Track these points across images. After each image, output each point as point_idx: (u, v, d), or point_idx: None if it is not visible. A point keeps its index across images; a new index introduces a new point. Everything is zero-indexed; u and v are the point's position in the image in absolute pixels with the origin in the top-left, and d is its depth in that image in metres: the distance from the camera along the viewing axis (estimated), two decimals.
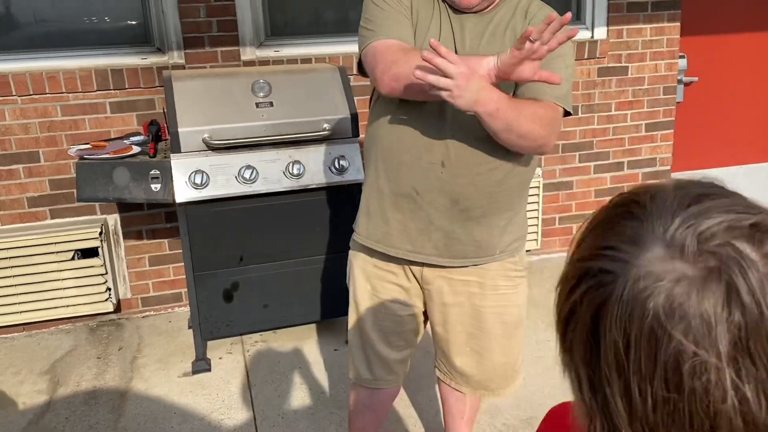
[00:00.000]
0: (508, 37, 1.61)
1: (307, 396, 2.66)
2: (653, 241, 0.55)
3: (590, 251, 0.59)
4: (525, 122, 1.50)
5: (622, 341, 0.54)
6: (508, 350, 1.86)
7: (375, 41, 1.59)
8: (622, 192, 0.62)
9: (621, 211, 0.59)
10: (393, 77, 1.53)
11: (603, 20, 3.77)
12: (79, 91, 3.10)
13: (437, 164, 1.63)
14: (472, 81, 1.38)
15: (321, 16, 3.49)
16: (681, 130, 4.19)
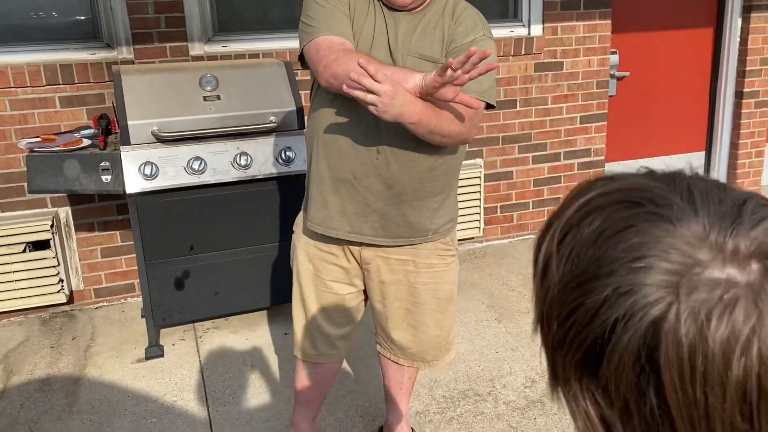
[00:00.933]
0: (437, 36, 1.76)
1: (258, 377, 2.78)
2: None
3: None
4: (446, 125, 1.67)
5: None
6: (441, 324, 2.02)
7: (318, 37, 1.72)
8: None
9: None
10: (332, 75, 1.67)
11: (539, 18, 3.98)
12: (28, 86, 3.14)
13: (373, 152, 1.78)
14: (396, 98, 1.54)
15: (268, 12, 3.59)
16: (614, 122, 4.43)
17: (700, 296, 0.43)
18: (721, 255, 0.45)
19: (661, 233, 0.46)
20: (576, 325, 0.49)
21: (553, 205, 4.33)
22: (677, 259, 0.45)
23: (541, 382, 2.68)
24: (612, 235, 0.48)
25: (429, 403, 2.56)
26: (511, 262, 3.91)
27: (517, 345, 2.97)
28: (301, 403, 2.18)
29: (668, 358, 0.44)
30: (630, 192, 0.51)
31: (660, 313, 0.44)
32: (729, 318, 0.43)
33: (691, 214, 0.47)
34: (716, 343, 0.43)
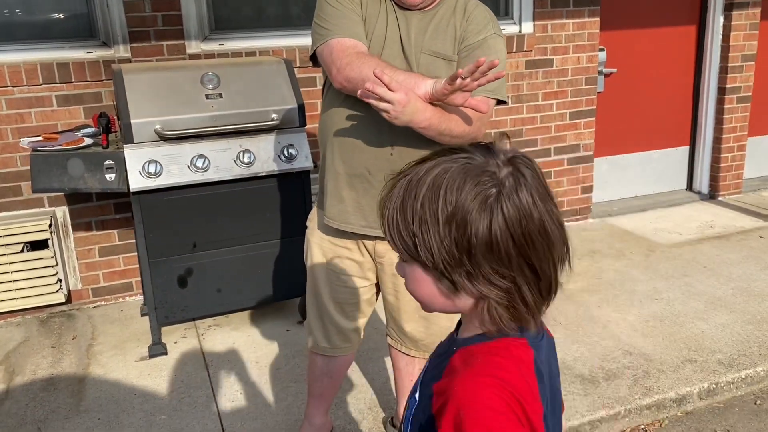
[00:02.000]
0: (449, 33, 1.80)
1: (263, 373, 2.81)
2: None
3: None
4: (456, 127, 1.73)
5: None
6: (453, 315, 2.06)
7: (331, 39, 1.76)
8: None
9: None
10: (346, 79, 1.72)
11: (529, 16, 4.04)
12: (24, 85, 3.12)
13: (387, 148, 1.82)
14: (407, 106, 1.60)
15: (264, 10, 3.61)
16: (602, 117, 4.52)
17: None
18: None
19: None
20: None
21: None
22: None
23: None
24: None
25: None
26: None
27: None
28: (314, 396, 2.21)
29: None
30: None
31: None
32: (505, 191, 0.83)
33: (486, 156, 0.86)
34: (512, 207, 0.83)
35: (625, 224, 4.46)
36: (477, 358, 0.88)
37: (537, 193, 0.84)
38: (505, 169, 0.84)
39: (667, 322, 3.13)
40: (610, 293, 3.45)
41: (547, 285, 0.88)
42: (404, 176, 0.87)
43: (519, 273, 0.85)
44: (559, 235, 0.86)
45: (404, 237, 0.86)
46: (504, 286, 0.85)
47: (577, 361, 2.82)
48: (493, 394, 0.82)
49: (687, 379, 2.66)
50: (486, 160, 0.85)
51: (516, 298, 0.86)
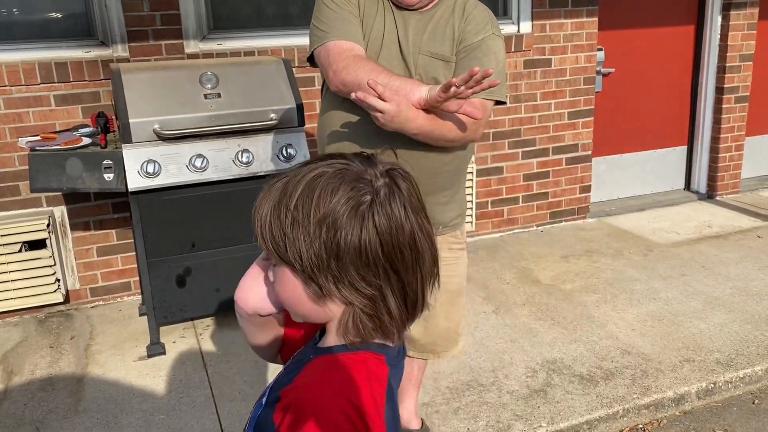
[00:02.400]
0: (448, 34, 1.80)
1: (261, 373, 2.81)
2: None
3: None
4: (449, 132, 1.73)
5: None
6: (451, 316, 2.07)
7: (328, 42, 1.76)
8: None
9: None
10: (341, 82, 1.73)
11: (528, 16, 4.04)
12: (22, 84, 3.12)
13: (389, 150, 1.81)
14: (398, 116, 1.62)
15: (263, 9, 3.61)
16: (600, 117, 4.52)
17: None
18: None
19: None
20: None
21: (542, 200, 4.41)
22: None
23: (541, 371, 2.74)
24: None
25: (435, 395, 2.60)
26: (504, 256, 3.97)
27: (515, 336, 3.03)
28: None
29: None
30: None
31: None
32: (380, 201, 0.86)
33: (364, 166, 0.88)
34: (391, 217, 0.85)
35: (623, 224, 4.47)
36: (331, 369, 0.88)
37: (410, 205, 0.87)
38: (382, 179, 0.87)
39: (665, 322, 3.13)
40: (608, 293, 3.45)
41: (413, 298, 0.90)
42: (283, 178, 0.89)
43: (385, 282, 0.86)
44: (428, 249, 0.89)
45: (275, 237, 0.86)
46: (369, 294, 0.86)
47: (575, 360, 2.82)
48: (336, 409, 0.82)
49: (685, 379, 2.67)
50: (364, 168, 0.87)
51: (381, 308, 0.87)
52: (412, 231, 0.87)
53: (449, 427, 2.41)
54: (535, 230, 4.42)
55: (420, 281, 0.89)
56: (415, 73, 1.78)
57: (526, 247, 4.13)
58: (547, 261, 3.89)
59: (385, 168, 0.89)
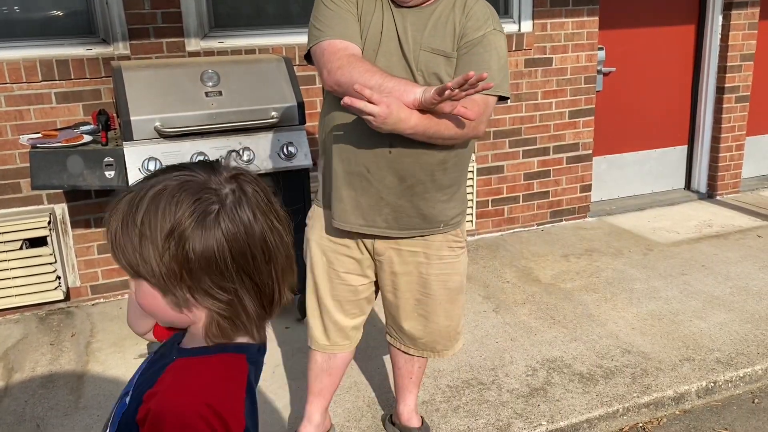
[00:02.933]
0: (449, 30, 1.80)
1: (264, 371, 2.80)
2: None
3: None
4: (446, 130, 1.72)
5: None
6: (451, 314, 2.07)
7: (323, 41, 1.77)
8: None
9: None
10: (335, 82, 1.73)
11: (529, 15, 4.04)
12: (23, 82, 3.12)
13: (386, 147, 1.82)
14: (389, 118, 1.61)
15: (263, 8, 3.61)
16: (601, 116, 4.52)
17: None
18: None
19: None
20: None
21: (543, 199, 4.41)
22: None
23: (541, 370, 2.75)
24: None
25: (434, 393, 2.61)
26: (504, 255, 3.98)
27: (515, 335, 3.04)
28: (314, 393, 2.21)
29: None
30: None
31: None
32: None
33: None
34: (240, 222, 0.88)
35: (624, 223, 4.47)
36: (189, 373, 0.90)
37: (258, 208, 0.89)
38: (228, 186, 0.88)
39: (666, 321, 3.13)
40: (608, 292, 3.46)
41: (270, 297, 0.93)
42: (128, 193, 0.89)
43: (240, 285, 0.89)
44: (281, 249, 0.92)
45: (127, 253, 0.87)
46: (225, 299, 0.89)
47: (575, 359, 2.82)
48: (194, 414, 0.84)
49: (685, 378, 2.67)
50: (208, 177, 0.88)
51: (238, 310, 0.90)
52: (263, 233, 0.89)
53: (449, 425, 2.42)
54: (536, 229, 4.42)
55: (276, 279, 0.92)
56: (417, 70, 1.78)
57: (527, 246, 4.13)
58: (548, 260, 3.89)
59: (230, 174, 0.89)
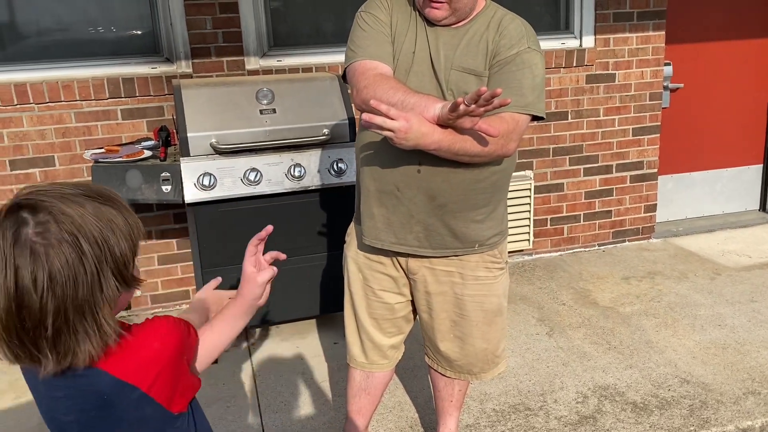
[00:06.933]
0: (481, 48, 1.77)
1: (308, 385, 2.83)
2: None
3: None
4: (471, 147, 1.68)
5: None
6: (488, 336, 2.02)
7: (355, 62, 1.78)
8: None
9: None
10: (362, 100, 1.73)
11: (590, 29, 3.95)
12: (92, 99, 3.28)
13: (414, 165, 1.80)
14: (410, 132, 1.59)
15: (321, 27, 3.67)
16: (667, 134, 4.36)
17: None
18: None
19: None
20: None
21: (605, 218, 4.28)
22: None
23: (592, 397, 2.65)
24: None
25: (479, 417, 2.55)
26: (562, 276, 3.87)
27: (568, 360, 2.94)
28: (353, 412, 2.20)
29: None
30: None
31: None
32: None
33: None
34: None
35: (690, 245, 4.28)
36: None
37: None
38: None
39: (730, 350, 2.97)
40: (669, 317, 3.31)
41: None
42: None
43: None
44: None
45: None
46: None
47: (629, 387, 2.71)
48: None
49: (749, 412, 2.52)
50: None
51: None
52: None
53: None
54: (597, 250, 4.29)
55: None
56: (447, 89, 1.76)
57: (586, 267, 4.01)
58: (607, 282, 3.76)
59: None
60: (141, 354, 1.02)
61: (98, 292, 0.96)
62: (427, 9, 1.76)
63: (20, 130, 3.24)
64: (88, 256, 0.95)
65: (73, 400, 1.02)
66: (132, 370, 1.01)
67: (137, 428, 1.05)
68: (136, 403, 1.02)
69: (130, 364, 1.01)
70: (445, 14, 1.76)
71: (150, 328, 1.05)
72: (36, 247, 0.92)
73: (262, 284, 1.26)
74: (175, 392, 1.07)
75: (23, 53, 3.27)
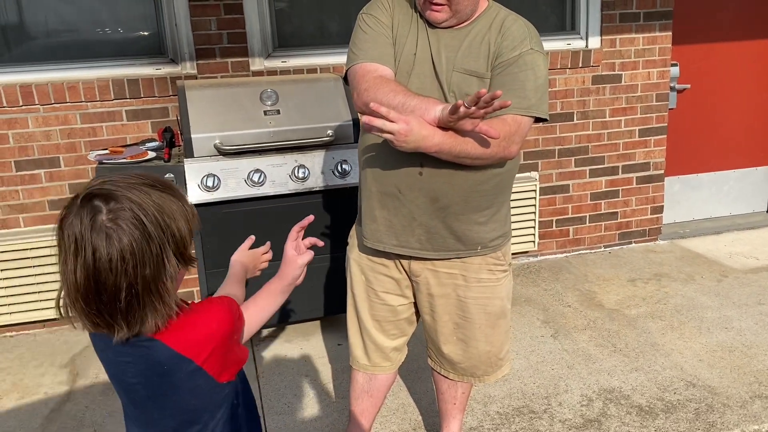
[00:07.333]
0: (483, 50, 1.76)
1: (312, 387, 2.82)
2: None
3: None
4: (473, 149, 1.67)
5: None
6: (491, 339, 2.01)
7: (356, 64, 1.78)
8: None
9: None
10: (363, 103, 1.73)
11: (597, 30, 3.93)
12: (97, 100, 3.28)
13: (416, 167, 1.79)
14: (410, 135, 1.58)
15: (326, 28, 3.66)
16: (674, 135, 4.33)
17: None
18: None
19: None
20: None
21: (611, 220, 4.26)
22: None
23: (597, 400, 2.63)
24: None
25: (483, 419, 2.54)
26: (567, 277, 3.85)
27: (573, 362, 2.93)
28: (355, 414, 2.19)
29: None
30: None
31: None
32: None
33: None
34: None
35: (697, 247, 4.25)
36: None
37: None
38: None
39: (737, 354, 2.95)
40: (675, 320, 3.28)
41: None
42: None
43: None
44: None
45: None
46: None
47: (635, 390, 2.69)
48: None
49: (756, 417, 2.50)
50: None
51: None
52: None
53: None
54: (602, 251, 4.26)
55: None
56: (449, 91, 1.75)
57: (592, 268, 3.99)
58: (613, 284, 3.74)
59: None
60: (198, 332, 1.16)
61: (162, 269, 1.09)
62: (428, 11, 1.75)
63: (25, 131, 3.25)
64: (154, 238, 1.08)
65: (137, 366, 1.16)
66: (190, 346, 1.15)
67: (191, 393, 1.19)
68: (190, 374, 1.16)
69: (189, 340, 1.15)
70: (445, 16, 1.74)
71: (208, 308, 1.20)
72: (110, 231, 1.05)
73: (301, 266, 1.42)
74: (225, 366, 1.21)
75: (28, 54, 3.28)
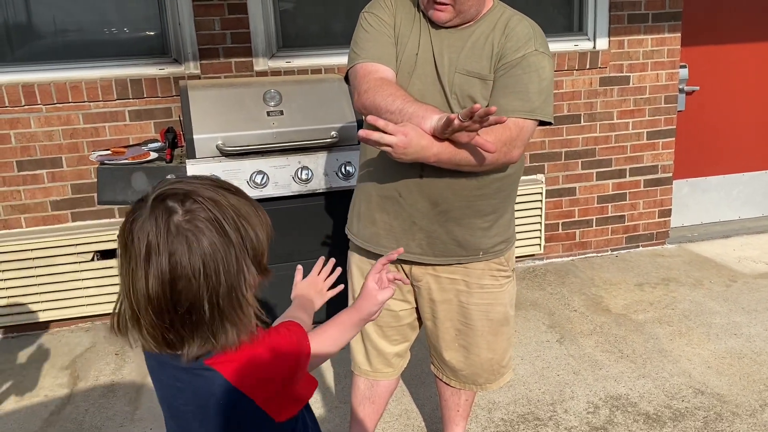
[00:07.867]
0: (486, 51, 1.71)
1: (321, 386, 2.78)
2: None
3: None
4: (472, 157, 1.62)
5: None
6: (494, 347, 1.97)
7: (357, 64, 1.74)
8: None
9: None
10: (362, 105, 1.69)
11: (605, 31, 3.88)
12: (100, 100, 3.26)
13: (417, 171, 1.75)
14: (409, 147, 1.54)
15: (330, 28, 3.63)
16: (683, 137, 4.28)
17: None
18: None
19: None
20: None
21: (618, 223, 4.21)
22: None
23: (604, 407, 2.59)
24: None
25: (487, 426, 2.50)
26: (574, 281, 3.81)
27: (579, 368, 2.88)
28: (357, 420, 2.16)
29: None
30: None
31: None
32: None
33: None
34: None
35: (706, 251, 4.19)
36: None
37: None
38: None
39: (747, 360, 2.89)
40: (683, 326, 3.23)
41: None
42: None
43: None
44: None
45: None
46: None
47: (642, 397, 2.64)
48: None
49: (765, 425, 2.45)
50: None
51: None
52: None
53: None
54: (609, 255, 4.21)
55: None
56: (451, 93, 1.71)
57: (598, 272, 3.94)
58: (620, 288, 3.69)
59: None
60: (262, 369, 1.05)
61: (242, 277, 0.99)
62: (432, 11, 1.71)
63: (28, 131, 3.23)
64: (233, 241, 0.98)
65: (190, 393, 1.06)
66: (251, 383, 1.04)
67: (245, 428, 1.09)
68: (246, 412, 1.06)
69: (250, 376, 1.04)
70: (449, 16, 1.71)
71: (275, 342, 1.07)
72: (187, 233, 0.95)
73: (380, 303, 1.26)
74: (285, 405, 1.11)
75: (31, 54, 3.26)
